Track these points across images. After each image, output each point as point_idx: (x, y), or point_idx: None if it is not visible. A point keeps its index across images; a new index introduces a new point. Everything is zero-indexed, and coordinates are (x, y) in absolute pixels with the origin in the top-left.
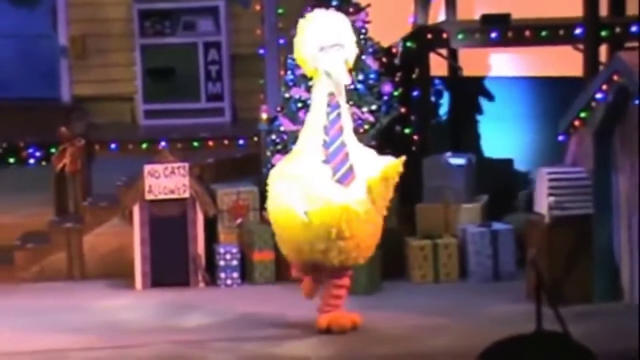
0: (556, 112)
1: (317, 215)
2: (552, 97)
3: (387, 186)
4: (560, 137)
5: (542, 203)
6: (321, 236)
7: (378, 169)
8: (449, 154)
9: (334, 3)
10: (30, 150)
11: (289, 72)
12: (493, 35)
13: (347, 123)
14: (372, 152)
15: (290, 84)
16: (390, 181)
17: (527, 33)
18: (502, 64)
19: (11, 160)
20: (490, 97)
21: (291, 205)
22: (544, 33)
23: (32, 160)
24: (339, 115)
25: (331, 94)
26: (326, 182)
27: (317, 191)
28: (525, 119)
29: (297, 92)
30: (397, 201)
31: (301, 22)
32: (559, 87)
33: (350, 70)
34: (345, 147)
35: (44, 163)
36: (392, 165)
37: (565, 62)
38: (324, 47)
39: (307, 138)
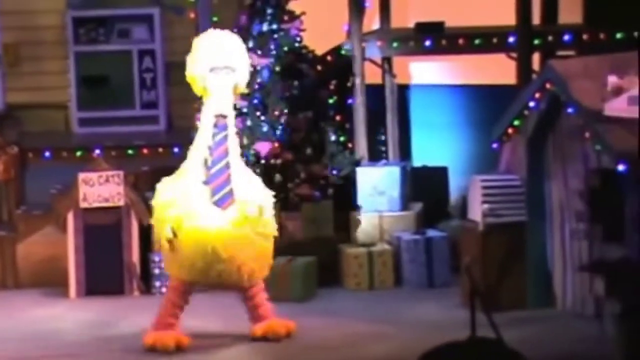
0: (490, 120)
1: (191, 235)
2: (486, 105)
3: (264, 217)
4: (494, 145)
5: (476, 210)
6: (199, 256)
7: (253, 203)
8: (383, 161)
9: (269, 11)
10: None
11: None
12: (427, 43)
13: (234, 146)
14: (256, 179)
15: None
16: (265, 212)
17: (461, 41)
18: (436, 72)
19: None
20: (424, 105)
21: (164, 221)
22: (477, 41)
23: None
24: (225, 137)
25: (218, 116)
26: (204, 203)
27: (194, 211)
28: (459, 127)
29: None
30: (332, 209)
31: (195, 40)
32: (492, 95)
33: (241, 94)
34: (228, 169)
35: None
36: (264, 203)
37: (498, 70)
38: (215, 68)
39: (192, 157)
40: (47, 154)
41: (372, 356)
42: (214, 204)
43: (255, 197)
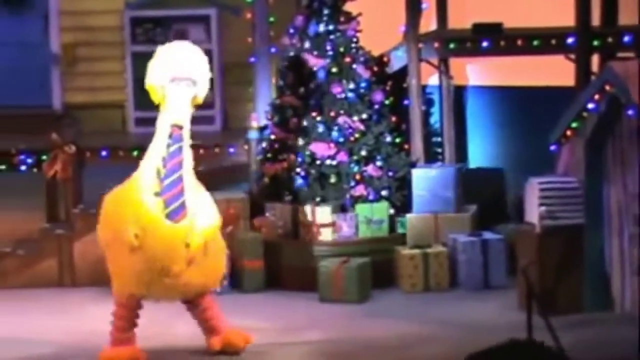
0: (547, 122)
1: (147, 246)
2: (544, 106)
3: (209, 241)
4: (552, 147)
5: (533, 213)
6: (146, 269)
7: (199, 228)
8: (438, 163)
9: (325, 12)
10: (22, 157)
11: (280, 80)
12: (485, 44)
13: (188, 158)
14: (205, 194)
15: (281, 92)
16: (211, 239)
17: (519, 42)
18: (494, 73)
19: (2, 167)
20: (480, 106)
21: (122, 229)
22: (536, 42)
23: (23, 167)
24: (180, 149)
25: (175, 126)
26: (156, 215)
27: (146, 223)
28: (516, 129)
29: (288, 100)
30: (387, 210)
31: (159, 48)
32: (550, 96)
33: (196, 107)
34: (181, 182)
35: (35, 170)
36: (210, 228)
37: (557, 71)
38: (176, 78)
39: (144, 166)
40: (104, 153)
41: (427, 358)
42: (166, 216)
43: (206, 210)
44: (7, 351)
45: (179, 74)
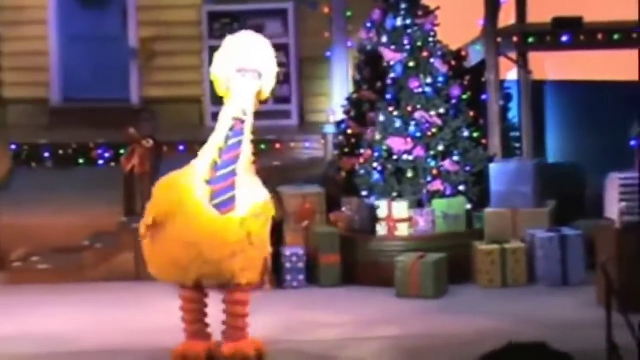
0: (628, 117)
1: (181, 232)
2: (624, 101)
3: (261, 223)
4: (632, 142)
5: (613, 208)
6: (184, 254)
7: (252, 205)
8: (516, 158)
9: (403, 6)
10: (100, 151)
11: (356, 75)
12: (564, 38)
13: (246, 152)
14: (261, 191)
15: (358, 86)
16: (262, 218)
17: (600, 36)
18: (573, 68)
19: (81, 160)
20: (559, 101)
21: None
22: (616, 36)
23: (101, 161)
24: (239, 142)
25: (236, 119)
26: (203, 202)
27: (190, 208)
28: (596, 124)
29: (365, 95)
30: (464, 205)
31: (227, 39)
32: (631, 91)
33: (261, 101)
34: (234, 175)
35: (113, 164)
36: (264, 203)
37: (636, 66)
38: (242, 69)
39: (201, 155)
40: (181, 147)
41: None
42: (214, 206)
43: (255, 204)
44: (84, 343)
45: (245, 65)
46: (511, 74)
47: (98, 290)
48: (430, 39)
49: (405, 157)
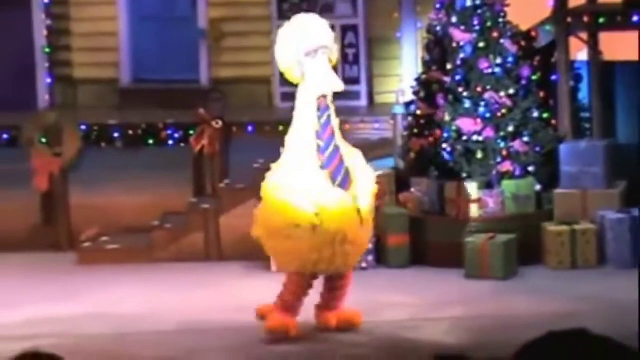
0: None
1: (325, 220)
2: None
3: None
4: None
5: None
6: (327, 242)
7: (368, 186)
8: (586, 139)
9: None
10: (169, 132)
11: (426, 56)
12: (636, 18)
13: (336, 125)
14: (358, 153)
15: (428, 67)
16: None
17: None
18: None
19: (150, 141)
20: (630, 82)
21: (299, 210)
22: None
23: (170, 142)
24: (329, 117)
25: (320, 97)
26: (328, 188)
27: (321, 198)
28: None
29: (434, 76)
30: (534, 186)
31: (282, 29)
32: None
33: (335, 68)
34: (339, 151)
35: (182, 144)
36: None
37: None
38: (309, 51)
39: (300, 146)
40: (250, 128)
41: None
42: (338, 186)
43: (365, 172)
44: (154, 324)
45: (311, 47)
46: (581, 55)
47: (168, 270)
48: (500, 20)
49: (474, 137)
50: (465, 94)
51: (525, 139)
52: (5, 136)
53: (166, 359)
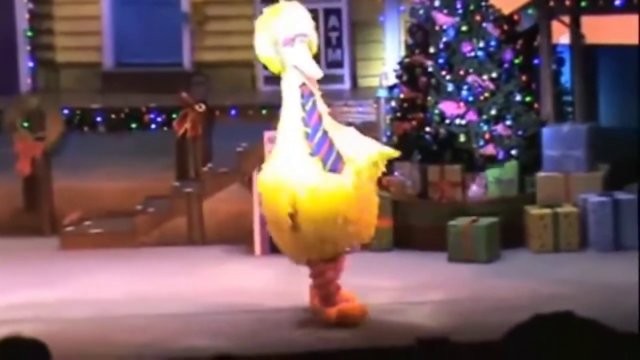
0: None
1: (316, 205)
2: None
3: (376, 170)
4: None
5: None
6: (329, 225)
7: (366, 154)
8: (568, 122)
9: None
10: (152, 116)
11: (409, 39)
12: (617, 2)
13: (324, 109)
14: (352, 130)
15: (411, 50)
16: (378, 166)
17: None
18: (625, 32)
19: (133, 125)
20: (612, 66)
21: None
22: None
23: (153, 126)
24: (314, 103)
25: (302, 85)
26: (320, 173)
27: (315, 184)
28: None
29: (417, 59)
30: (517, 170)
31: (258, 20)
32: None
33: (317, 54)
34: (327, 135)
35: (165, 128)
36: (383, 153)
37: None
38: (287, 41)
39: (288, 135)
40: (233, 112)
41: None
42: (330, 171)
43: (361, 149)
44: (137, 308)
45: (288, 35)
46: (564, 38)
47: (151, 254)
48: (483, 3)
49: (457, 121)
50: (448, 77)
51: (508, 122)
52: None
53: (150, 343)
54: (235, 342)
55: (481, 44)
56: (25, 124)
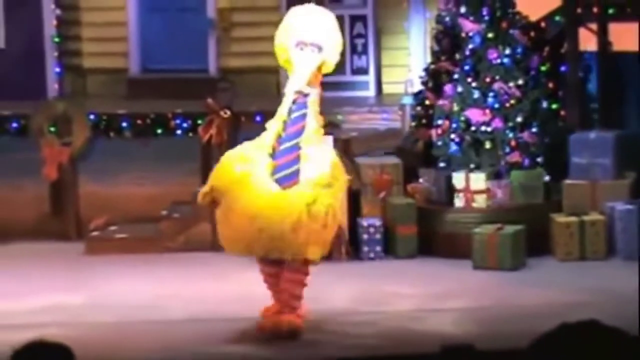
0: None
1: (245, 200)
2: None
3: (331, 194)
4: None
5: None
6: (247, 227)
7: (318, 177)
8: (596, 130)
9: None
10: (178, 121)
11: (434, 46)
12: None
13: (311, 126)
14: (327, 160)
15: (436, 57)
16: (333, 189)
17: None
18: None
19: (159, 130)
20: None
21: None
22: None
23: (179, 131)
24: (303, 116)
25: (298, 92)
26: (265, 176)
27: (252, 181)
28: None
29: (443, 66)
30: (542, 177)
31: (290, 11)
32: None
33: (322, 75)
34: (298, 150)
35: (190, 134)
36: (332, 172)
37: None
38: (300, 43)
39: (268, 128)
40: (258, 118)
41: None
42: (276, 180)
43: (323, 177)
44: (162, 314)
45: (303, 39)
46: (590, 46)
47: (176, 259)
48: (510, 10)
49: (483, 128)
50: (474, 84)
51: (534, 129)
52: (14, 125)
53: (174, 348)
54: (259, 347)
55: (507, 51)
56: (52, 129)
